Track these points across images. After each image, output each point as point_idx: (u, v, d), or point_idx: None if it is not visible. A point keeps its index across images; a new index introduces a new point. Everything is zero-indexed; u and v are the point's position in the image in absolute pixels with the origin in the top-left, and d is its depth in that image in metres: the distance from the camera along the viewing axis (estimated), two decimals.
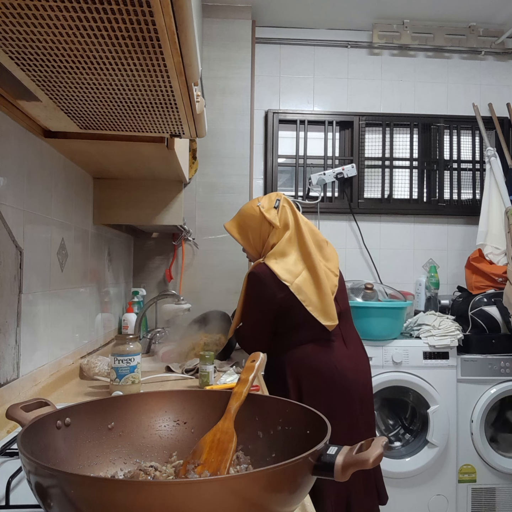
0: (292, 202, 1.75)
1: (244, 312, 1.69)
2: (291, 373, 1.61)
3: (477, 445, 2.39)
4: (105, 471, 0.70)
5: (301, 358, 1.62)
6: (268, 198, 1.74)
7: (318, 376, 1.59)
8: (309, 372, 1.60)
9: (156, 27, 0.70)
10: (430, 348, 2.37)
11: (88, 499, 0.48)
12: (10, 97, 1.02)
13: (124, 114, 1.09)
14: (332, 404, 1.56)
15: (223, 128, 2.69)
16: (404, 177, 2.99)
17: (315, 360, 1.61)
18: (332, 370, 1.59)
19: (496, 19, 2.87)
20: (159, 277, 2.67)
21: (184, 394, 0.80)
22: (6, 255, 1.11)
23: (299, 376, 1.61)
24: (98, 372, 1.53)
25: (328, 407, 1.54)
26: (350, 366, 1.63)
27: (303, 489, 0.55)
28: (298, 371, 1.61)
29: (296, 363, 1.62)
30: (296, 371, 1.61)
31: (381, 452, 0.53)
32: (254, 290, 1.63)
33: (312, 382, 1.59)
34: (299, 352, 1.62)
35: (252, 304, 1.65)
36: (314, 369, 1.60)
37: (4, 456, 0.89)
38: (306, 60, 2.94)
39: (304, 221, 1.72)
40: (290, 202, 1.74)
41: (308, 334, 1.62)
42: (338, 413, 1.55)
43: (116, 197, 1.85)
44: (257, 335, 1.68)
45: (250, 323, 1.68)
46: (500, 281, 2.53)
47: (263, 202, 1.72)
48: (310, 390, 1.59)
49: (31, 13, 0.67)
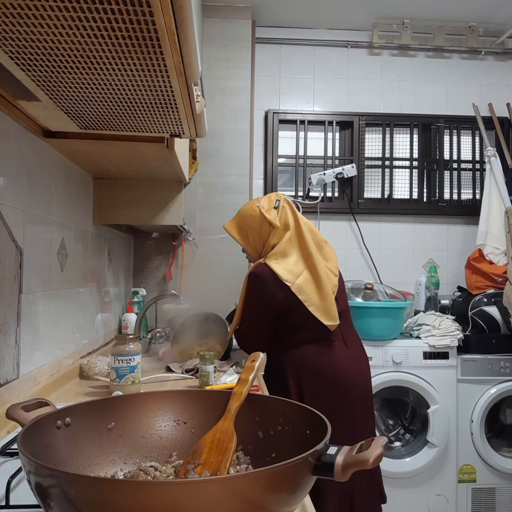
0: (292, 202, 1.75)
1: (244, 312, 1.69)
2: (291, 373, 1.61)
3: (477, 445, 2.39)
4: (105, 471, 0.70)
5: (301, 358, 1.62)
6: (268, 198, 1.73)
7: (319, 377, 1.59)
8: (310, 372, 1.60)
9: (156, 27, 0.70)
10: (430, 348, 2.37)
11: (88, 499, 0.48)
12: (10, 97, 1.02)
13: (124, 114, 1.09)
14: (332, 405, 1.56)
15: (223, 128, 2.69)
16: (404, 177, 2.99)
17: (316, 360, 1.61)
18: (333, 370, 1.59)
19: (496, 19, 2.87)
20: (159, 277, 2.67)
21: (184, 394, 0.80)
22: (6, 255, 1.11)
23: (299, 377, 1.61)
24: (98, 372, 1.53)
25: (328, 408, 1.54)
26: (351, 367, 1.63)
27: (303, 489, 0.55)
28: (298, 371, 1.61)
29: (297, 363, 1.62)
30: (297, 371, 1.61)
31: (381, 452, 0.53)
32: (255, 290, 1.63)
33: (313, 383, 1.59)
34: (300, 352, 1.62)
35: (252, 304, 1.65)
36: (315, 369, 1.59)
37: (4, 456, 0.89)
38: (306, 60, 2.94)
39: (304, 221, 1.72)
40: (290, 202, 1.73)
41: (308, 334, 1.62)
42: (338, 413, 1.55)
43: (116, 197, 1.85)
44: (257, 335, 1.68)
45: (250, 323, 1.68)
46: (500, 281, 2.53)
47: (263, 202, 1.71)
48: (311, 390, 1.59)
49: (31, 13, 0.67)
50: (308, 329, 1.62)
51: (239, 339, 1.74)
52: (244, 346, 1.74)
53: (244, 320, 1.70)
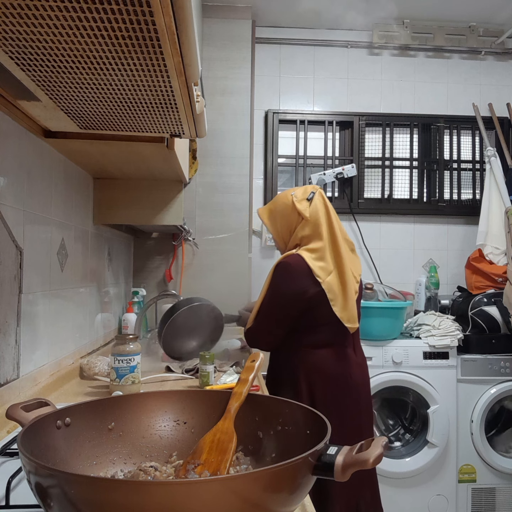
0: (327, 198, 1.70)
1: (265, 303, 1.59)
2: (304, 377, 1.57)
3: (477, 445, 2.39)
4: (105, 471, 0.70)
5: (316, 362, 1.57)
6: (304, 189, 1.68)
7: (333, 384, 1.55)
8: (324, 378, 1.56)
9: (156, 27, 0.70)
10: (430, 348, 2.37)
11: (88, 499, 0.48)
12: (10, 97, 1.02)
13: (124, 114, 1.09)
14: (342, 412, 1.54)
15: (223, 128, 2.69)
16: (404, 177, 2.99)
17: (332, 367, 1.57)
18: (346, 379, 1.56)
19: (496, 19, 2.87)
20: (159, 277, 2.67)
21: (184, 394, 0.80)
22: (6, 255, 1.11)
23: (312, 382, 1.56)
24: (98, 372, 1.53)
25: (338, 414, 1.51)
26: (360, 375, 1.62)
27: (303, 489, 0.55)
28: (311, 376, 1.56)
29: (311, 366, 1.57)
30: (310, 375, 1.57)
31: (381, 452, 0.53)
32: (285, 280, 1.54)
33: (326, 389, 1.55)
34: (314, 356, 1.57)
35: (279, 295, 1.56)
36: (330, 376, 1.56)
37: (4, 456, 0.89)
38: (306, 60, 2.94)
39: (336, 219, 1.67)
40: (325, 197, 1.68)
41: (324, 337, 1.58)
42: (347, 421, 1.53)
43: (116, 197, 1.85)
44: (274, 329, 1.59)
45: (270, 315, 1.58)
46: (500, 281, 2.53)
47: (297, 192, 1.66)
48: (322, 396, 1.55)
49: (31, 13, 0.67)
50: (325, 331, 1.57)
51: (253, 331, 1.64)
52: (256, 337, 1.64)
53: (263, 311, 1.59)
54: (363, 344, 1.77)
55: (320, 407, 1.54)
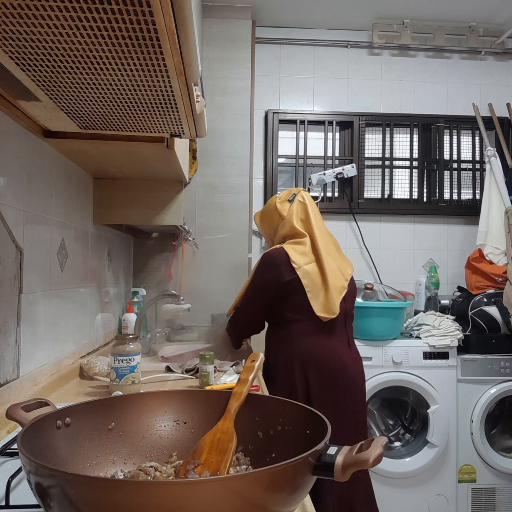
0: (312, 201, 1.82)
1: (247, 291, 1.75)
2: (299, 365, 1.62)
3: (477, 445, 2.39)
4: (105, 471, 0.70)
5: (308, 349, 1.63)
6: (288, 191, 1.84)
7: (327, 372, 1.61)
8: (318, 366, 1.61)
9: (156, 27, 0.70)
10: (430, 348, 2.37)
11: (88, 499, 0.48)
12: (10, 97, 1.02)
13: (124, 114, 1.09)
14: (337, 403, 1.57)
15: (223, 128, 2.69)
16: (404, 177, 2.99)
17: (324, 355, 1.62)
18: (340, 369, 1.61)
19: (496, 19, 2.87)
20: (159, 277, 2.67)
21: (184, 394, 0.80)
22: (6, 255, 1.11)
23: (307, 370, 1.62)
24: (98, 372, 1.53)
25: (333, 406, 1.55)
26: (354, 369, 1.64)
27: (303, 489, 0.55)
28: (306, 364, 1.62)
29: (304, 355, 1.63)
30: (304, 363, 1.62)
31: (381, 452, 0.53)
32: (263, 269, 1.69)
33: (320, 378, 1.60)
34: (306, 343, 1.64)
35: (256, 283, 1.70)
36: (323, 364, 1.61)
37: (4, 456, 0.89)
38: (306, 60, 2.94)
39: (316, 217, 1.77)
40: (306, 198, 1.80)
41: (312, 324, 1.64)
42: (341, 413, 1.56)
43: (116, 197, 1.85)
44: (252, 316, 1.74)
45: (250, 302, 1.73)
46: (500, 281, 2.53)
47: (282, 194, 1.84)
48: (317, 385, 1.60)
49: (31, 13, 0.67)
50: (310, 318, 1.64)
51: (234, 317, 1.80)
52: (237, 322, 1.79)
53: (244, 300, 1.75)
54: (363, 344, 1.78)
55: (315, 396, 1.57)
